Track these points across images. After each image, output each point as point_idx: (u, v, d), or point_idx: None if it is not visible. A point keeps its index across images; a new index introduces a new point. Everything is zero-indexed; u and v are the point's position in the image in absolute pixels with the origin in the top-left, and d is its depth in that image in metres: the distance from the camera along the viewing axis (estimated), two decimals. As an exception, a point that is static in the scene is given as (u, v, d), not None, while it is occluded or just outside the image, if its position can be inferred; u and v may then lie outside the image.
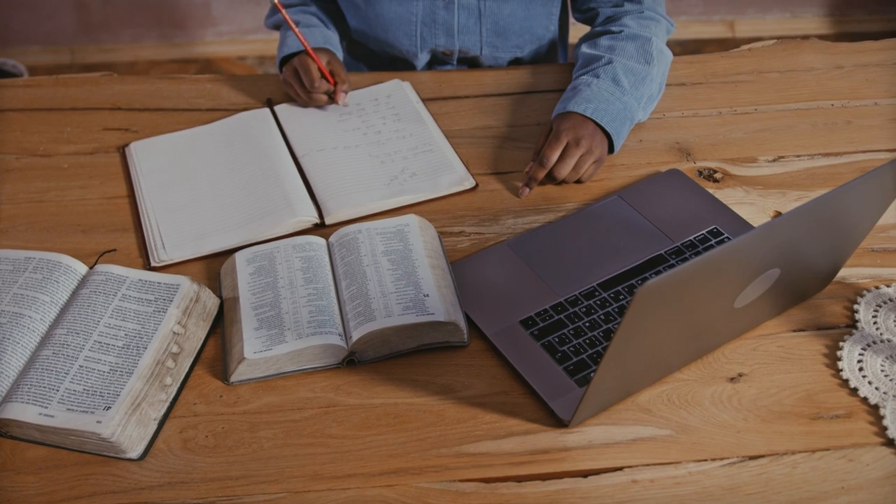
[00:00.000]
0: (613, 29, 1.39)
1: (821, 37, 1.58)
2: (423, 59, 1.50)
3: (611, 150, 1.29)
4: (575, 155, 1.23)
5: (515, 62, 1.53)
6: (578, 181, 1.26)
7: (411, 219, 1.16)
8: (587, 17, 1.48)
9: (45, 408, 0.96)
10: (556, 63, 1.58)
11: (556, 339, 1.04)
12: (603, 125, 1.26)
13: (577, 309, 1.07)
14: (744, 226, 1.19)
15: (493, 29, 1.45)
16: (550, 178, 1.26)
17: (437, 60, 1.52)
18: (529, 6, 1.44)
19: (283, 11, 1.31)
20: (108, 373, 0.99)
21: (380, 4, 1.43)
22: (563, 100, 1.31)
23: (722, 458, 0.95)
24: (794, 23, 3.08)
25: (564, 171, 1.24)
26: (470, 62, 1.53)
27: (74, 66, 2.92)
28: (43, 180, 1.30)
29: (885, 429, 0.97)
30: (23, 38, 2.92)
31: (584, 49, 1.39)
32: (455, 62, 1.52)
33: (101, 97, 1.44)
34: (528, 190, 1.24)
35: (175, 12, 2.92)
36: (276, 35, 1.46)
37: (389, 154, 1.31)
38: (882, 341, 1.05)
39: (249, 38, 2.96)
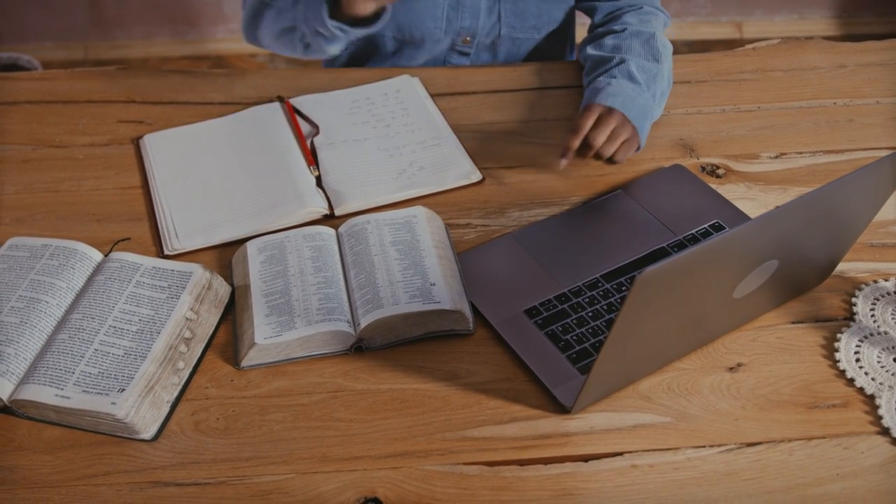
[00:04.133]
0: (616, 28, 1.40)
1: (828, 38, 1.59)
2: (444, 43, 1.51)
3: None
4: (610, 123, 1.24)
5: (532, 52, 1.55)
6: (611, 161, 1.27)
7: (419, 210, 1.19)
8: (586, 7, 1.50)
9: (62, 389, 0.99)
10: (563, 61, 1.60)
11: (560, 329, 1.07)
12: (630, 118, 1.27)
13: (580, 299, 1.10)
14: (745, 220, 1.21)
15: (511, 9, 1.48)
16: (582, 156, 1.26)
17: (455, 51, 1.54)
18: None
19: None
20: (123, 356, 1.02)
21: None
22: (587, 98, 1.32)
23: (720, 445, 0.97)
24: (802, 24, 3.09)
25: (600, 138, 1.23)
26: (489, 47, 1.54)
27: (87, 62, 2.95)
28: (59, 171, 1.33)
29: (881, 418, 0.99)
30: (37, 34, 2.96)
31: (590, 51, 1.41)
32: (474, 49, 1.53)
33: (116, 90, 1.47)
34: (565, 161, 1.25)
35: (187, 9, 2.96)
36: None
37: (398, 147, 1.34)
38: (879, 333, 1.07)
39: (260, 35, 2.99)
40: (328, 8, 1.25)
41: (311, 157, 1.32)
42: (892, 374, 1.03)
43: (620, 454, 0.97)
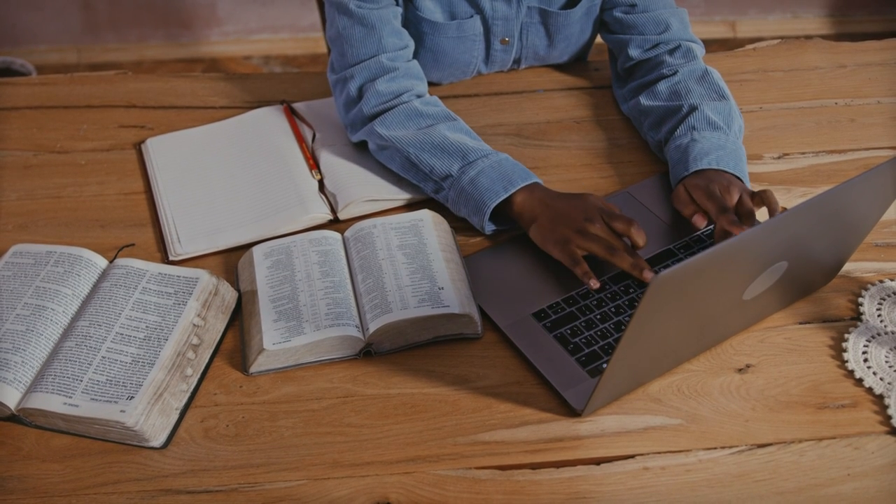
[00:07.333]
0: (665, 72, 1.33)
1: (822, 37, 1.60)
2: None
3: None
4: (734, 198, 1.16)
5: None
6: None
7: (425, 214, 1.18)
8: (614, 40, 1.41)
9: (70, 397, 0.98)
10: (566, 62, 1.60)
11: (569, 331, 1.07)
12: (729, 170, 1.19)
13: (588, 302, 1.10)
14: (750, 221, 1.21)
15: (533, 55, 1.47)
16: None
17: None
18: (577, 43, 1.47)
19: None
20: (131, 364, 1.01)
21: (443, 54, 1.41)
22: (677, 162, 1.23)
23: (731, 447, 0.97)
24: (796, 23, 3.11)
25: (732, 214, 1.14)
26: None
27: (81, 66, 2.94)
28: (61, 176, 1.32)
29: (890, 418, 0.99)
30: (29, 38, 2.94)
31: (645, 102, 1.32)
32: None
33: (116, 95, 1.47)
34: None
35: (181, 12, 2.95)
36: (280, 34, 1.45)
37: (401, 151, 1.33)
38: (886, 333, 1.08)
39: (254, 37, 2.98)
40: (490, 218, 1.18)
41: (313, 162, 1.31)
42: (901, 374, 1.03)
43: (632, 457, 0.97)
